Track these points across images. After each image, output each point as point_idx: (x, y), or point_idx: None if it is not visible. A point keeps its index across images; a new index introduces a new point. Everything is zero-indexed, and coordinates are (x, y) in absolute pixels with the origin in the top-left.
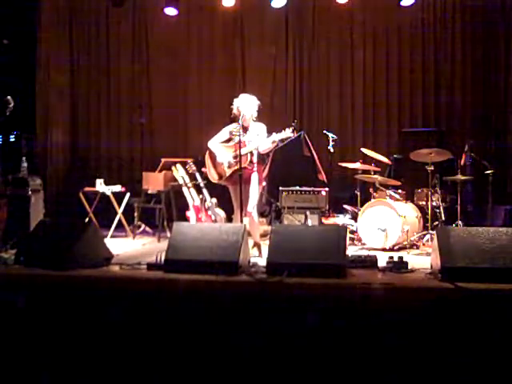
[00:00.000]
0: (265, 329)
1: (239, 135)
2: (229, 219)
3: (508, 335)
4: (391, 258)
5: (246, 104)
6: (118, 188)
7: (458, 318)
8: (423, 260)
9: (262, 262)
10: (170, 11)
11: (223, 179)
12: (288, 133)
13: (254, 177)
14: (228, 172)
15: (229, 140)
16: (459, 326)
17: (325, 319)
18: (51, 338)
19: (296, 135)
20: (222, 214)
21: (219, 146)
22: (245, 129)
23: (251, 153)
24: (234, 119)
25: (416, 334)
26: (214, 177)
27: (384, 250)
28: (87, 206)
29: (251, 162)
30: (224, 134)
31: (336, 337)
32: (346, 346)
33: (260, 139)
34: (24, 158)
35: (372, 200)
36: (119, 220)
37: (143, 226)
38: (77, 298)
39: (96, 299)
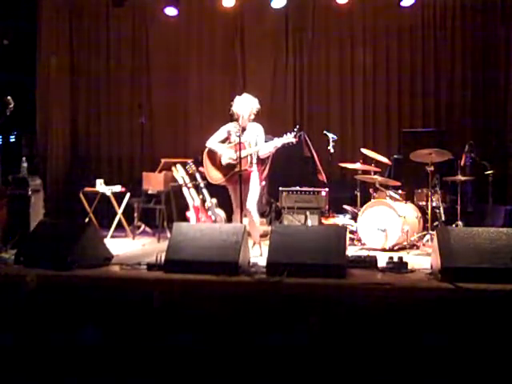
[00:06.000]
0: (265, 328)
1: (238, 136)
2: (229, 219)
3: (508, 335)
4: (391, 258)
5: (244, 105)
6: (118, 188)
7: (457, 317)
8: (423, 260)
9: (262, 261)
10: (170, 11)
11: (222, 181)
12: (290, 138)
13: (254, 176)
14: (229, 173)
15: (226, 139)
16: (459, 326)
17: (325, 319)
18: (51, 337)
19: (298, 140)
20: (222, 214)
21: (219, 146)
22: (242, 129)
23: (251, 155)
24: (233, 117)
25: (416, 334)
26: (213, 178)
27: (384, 250)
28: (87, 206)
29: (251, 163)
30: (222, 133)
31: (336, 337)
32: (345, 346)
33: (260, 142)
34: (24, 158)
35: (372, 200)
36: (119, 220)
37: (143, 226)
38: (77, 297)
39: (96, 299)
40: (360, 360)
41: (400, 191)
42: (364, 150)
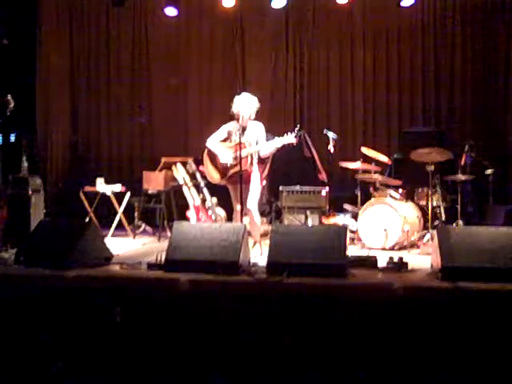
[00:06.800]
0: (264, 328)
1: (239, 136)
2: (229, 219)
3: (508, 335)
4: (391, 257)
5: (245, 104)
6: (118, 188)
7: (457, 317)
8: (423, 260)
9: (262, 261)
10: (170, 11)
11: (223, 180)
12: (290, 138)
13: (254, 175)
14: (229, 172)
15: (227, 139)
16: (459, 326)
17: (325, 319)
18: (51, 338)
19: (298, 141)
20: (222, 213)
21: (219, 145)
22: (243, 128)
23: (251, 155)
24: (233, 117)
25: (416, 333)
26: (212, 177)
27: (384, 249)
28: (87, 206)
29: (251, 163)
30: (222, 132)
31: (336, 337)
32: (345, 346)
33: (261, 141)
34: (24, 158)
35: (372, 200)
36: (119, 220)
37: (143, 225)
38: (77, 297)
39: (96, 299)
40: (360, 360)
41: (400, 190)
42: (364, 150)
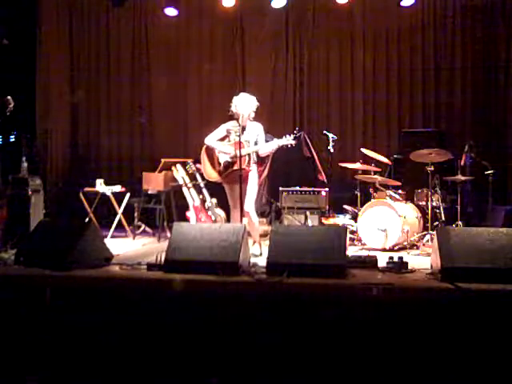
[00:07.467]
0: (264, 329)
1: (238, 135)
2: (229, 219)
3: (508, 335)
4: (391, 258)
5: (244, 103)
6: (118, 188)
7: (458, 318)
8: (423, 260)
9: (262, 262)
10: (170, 11)
11: (219, 178)
12: (290, 140)
13: (252, 176)
14: (226, 171)
15: (225, 137)
16: (459, 326)
17: (325, 319)
18: (51, 338)
19: (297, 142)
20: (222, 214)
21: (217, 143)
22: (242, 128)
23: (249, 154)
24: (232, 117)
25: (416, 334)
26: (210, 175)
27: (384, 250)
28: (87, 206)
29: (249, 163)
30: (221, 131)
31: (336, 337)
32: (345, 347)
33: (260, 142)
34: (24, 158)
35: (372, 200)
36: (119, 220)
37: (143, 226)
38: (77, 298)
39: (96, 299)
40: (360, 360)
41: (400, 191)
42: (364, 150)
